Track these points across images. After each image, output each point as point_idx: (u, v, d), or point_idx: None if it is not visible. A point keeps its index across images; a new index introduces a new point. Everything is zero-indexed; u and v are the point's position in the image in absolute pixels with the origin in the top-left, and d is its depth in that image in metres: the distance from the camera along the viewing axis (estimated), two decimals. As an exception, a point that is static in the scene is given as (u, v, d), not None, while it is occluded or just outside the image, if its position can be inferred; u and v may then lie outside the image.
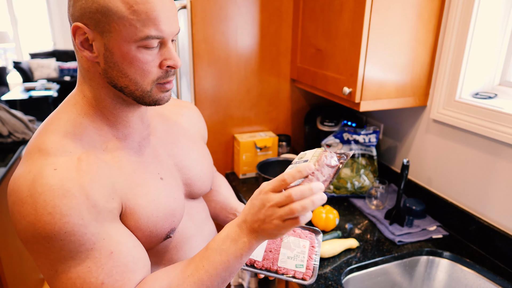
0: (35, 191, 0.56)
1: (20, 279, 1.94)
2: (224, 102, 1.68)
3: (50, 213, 0.56)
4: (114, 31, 0.59)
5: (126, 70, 0.62)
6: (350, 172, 1.53)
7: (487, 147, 1.17)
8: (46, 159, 0.60)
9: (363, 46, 1.20)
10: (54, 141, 0.62)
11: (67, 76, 6.73)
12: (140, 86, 0.64)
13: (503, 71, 1.25)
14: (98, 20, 0.59)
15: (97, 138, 0.67)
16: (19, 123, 1.98)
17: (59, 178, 0.57)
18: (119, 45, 0.60)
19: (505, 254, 1.13)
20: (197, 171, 0.84)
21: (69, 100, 0.69)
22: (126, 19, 0.58)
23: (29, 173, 0.58)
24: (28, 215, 0.56)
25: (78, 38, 0.61)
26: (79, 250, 0.58)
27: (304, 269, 0.77)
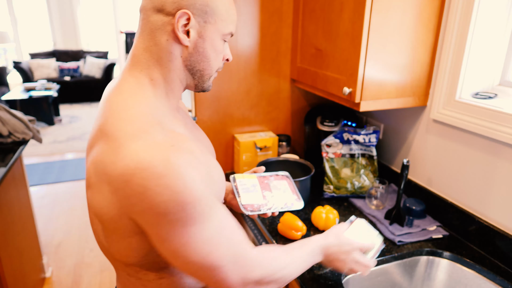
0: (171, 164, 0.60)
1: (20, 279, 1.94)
2: (224, 102, 1.68)
3: (193, 181, 0.61)
4: (214, 23, 0.72)
5: (210, 56, 0.75)
6: (350, 172, 1.53)
7: (487, 147, 1.17)
8: (155, 138, 0.63)
9: (363, 46, 1.20)
10: (145, 123, 0.65)
11: (67, 76, 6.73)
12: (211, 71, 0.77)
13: (503, 71, 1.25)
14: (205, 11, 0.70)
15: (164, 117, 0.71)
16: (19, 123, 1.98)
17: (182, 152, 0.62)
18: (212, 35, 0.73)
19: (505, 254, 1.13)
20: (212, 150, 0.94)
21: (131, 85, 0.71)
22: (223, 16, 0.73)
23: (150, 150, 0.60)
24: (172, 185, 0.59)
25: (180, 22, 0.69)
26: (209, 213, 0.65)
27: (294, 198, 1.02)
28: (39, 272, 2.33)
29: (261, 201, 0.97)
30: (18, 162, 2.08)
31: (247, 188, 1.00)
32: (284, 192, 1.02)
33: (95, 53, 7.06)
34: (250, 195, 0.98)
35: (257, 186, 1.02)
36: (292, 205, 1.00)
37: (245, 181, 1.03)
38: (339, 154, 1.54)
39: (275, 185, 1.04)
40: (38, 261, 2.32)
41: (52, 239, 2.89)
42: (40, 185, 3.75)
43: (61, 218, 3.17)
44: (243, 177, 1.04)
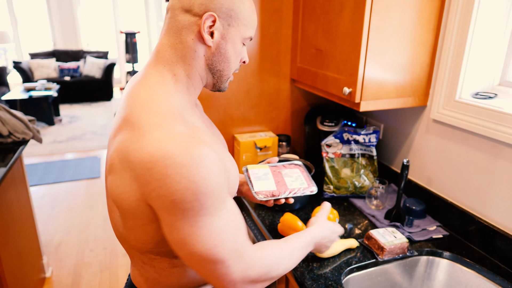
0: (192, 156, 0.63)
1: (20, 279, 1.94)
2: (224, 102, 1.68)
3: (209, 174, 0.64)
4: (237, 26, 0.76)
5: (230, 57, 0.79)
6: (350, 172, 1.53)
7: (487, 147, 1.17)
8: (176, 130, 0.66)
9: (363, 46, 1.20)
10: (166, 115, 0.69)
11: (67, 76, 6.73)
12: (230, 71, 0.81)
13: (503, 71, 1.25)
14: (230, 15, 0.75)
15: (185, 113, 0.74)
16: (19, 123, 1.98)
17: (203, 144, 0.66)
18: (234, 37, 0.77)
19: (505, 254, 1.13)
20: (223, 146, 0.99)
21: (155, 79, 0.75)
22: (246, 20, 0.77)
23: (172, 141, 0.64)
24: (191, 175, 0.63)
25: (206, 23, 0.73)
26: (219, 207, 0.68)
27: (306, 184, 1.05)
28: (39, 272, 2.33)
29: (273, 187, 1.01)
30: (18, 162, 2.08)
31: (259, 176, 1.04)
32: (296, 180, 1.05)
33: (95, 53, 7.06)
34: (262, 182, 1.02)
35: (269, 175, 1.06)
36: (304, 190, 1.02)
37: (257, 170, 1.07)
38: (339, 154, 1.54)
39: (287, 173, 1.08)
40: (38, 261, 2.33)
41: (52, 239, 2.89)
42: (40, 185, 3.75)
43: (61, 218, 3.18)
44: (255, 167, 1.08)
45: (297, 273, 1.09)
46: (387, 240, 1.15)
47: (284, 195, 1.00)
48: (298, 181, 1.05)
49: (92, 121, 5.83)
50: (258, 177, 1.04)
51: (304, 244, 0.91)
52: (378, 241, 1.16)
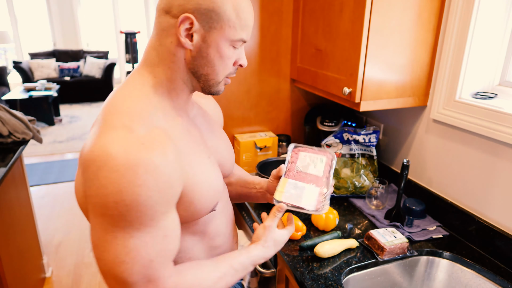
0: (128, 162, 0.60)
1: (20, 279, 1.94)
2: (224, 102, 1.68)
3: (139, 185, 0.60)
4: (220, 29, 0.71)
5: (214, 62, 0.73)
6: (350, 172, 1.53)
7: (487, 147, 1.17)
8: (131, 134, 0.64)
9: (363, 46, 1.20)
10: (132, 117, 0.66)
11: (67, 76, 6.73)
12: (217, 76, 0.76)
13: (503, 71, 1.25)
14: (210, 17, 0.69)
15: (163, 117, 0.72)
16: (19, 123, 1.98)
17: (149, 153, 0.62)
18: (217, 41, 0.71)
19: (505, 254, 1.13)
20: (225, 155, 0.93)
21: (137, 78, 0.74)
22: (231, 22, 0.71)
23: (118, 143, 0.62)
24: (117, 182, 0.60)
25: (183, 26, 0.69)
26: (146, 224, 0.64)
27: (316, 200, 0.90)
28: (39, 272, 2.33)
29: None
30: (18, 162, 2.08)
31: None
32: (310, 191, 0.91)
33: (95, 53, 7.06)
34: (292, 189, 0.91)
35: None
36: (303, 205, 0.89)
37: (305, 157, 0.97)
38: (339, 154, 1.54)
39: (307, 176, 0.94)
40: (38, 261, 2.33)
41: (52, 239, 2.89)
42: (40, 185, 3.75)
43: (61, 218, 3.17)
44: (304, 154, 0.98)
45: (297, 273, 1.09)
46: (387, 240, 1.15)
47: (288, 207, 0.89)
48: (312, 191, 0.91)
49: (92, 121, 5.82)
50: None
51: (239, 267, 0.82)
52: (378, 241, 1.16)
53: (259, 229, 0.88)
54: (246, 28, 0.74)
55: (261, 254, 0.85)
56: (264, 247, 0.86)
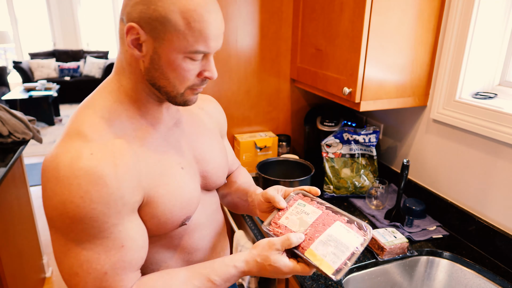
0: (71, 174, 0.59)
1: (20, 279, 1.94)
2: (224, 102, 1.68)
3: (81, 197, 0.59)
4: (168, 40, 0.64)
5: (168, 74, 0.67)
6: (350, 172, 1.53)
7: (487, 147, 1.17)
8: (84, 142, 0.63)
9: (363, 46, 1.20)
10: (90, 126, 0.65)
11: (67, 76, 6.73)
12: (176, 89, 0.69)
13: (503, 71, 1.25)
14: (155, 27, 0.63)
15: (129, 125, 0.70)
16: (19, 123, 1.98)
17: (94, 164, 0.60)
18: (168, 53, 0.65)
19: (505, 254, 1.13)
20: (214, 165, 0.87)
21: (104, 87, 0.72)
22: (181, 33, 0.63)
23: (67, 153, 0.61)
24: (60, 194, 0.59)
25: (130, 36, 0.65)
26: (96, 236, 0.62)
27: (337, 265, 0.69)
28: (39, 272, 2.32)
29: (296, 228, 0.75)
30: (18, 162, 2.08)
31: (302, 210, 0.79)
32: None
33: (95, 53, 7.06)
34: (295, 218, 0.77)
35: (313, 215, 0.78)
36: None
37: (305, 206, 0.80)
38: (339, 154, 1.54)
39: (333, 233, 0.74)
40: (38, 261, 2.32)
41: (52, 239, 2.89)
42: (40, 185, 3.75)
43: (61, 218, 3.17)
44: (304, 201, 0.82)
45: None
46: (387, 240, 1.15)
47: (298, 253, 0.72)
48: (337, 249, 0.71)
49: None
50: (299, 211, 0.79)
51: (219, 280, 0.72)
52: (378, 241, 1.16)
53: (263, 240, 0.74)
54: (203, 39, 0.64)
55: (247, 267, 0.73)
56: (253, 260, 0.73)
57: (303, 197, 0.83)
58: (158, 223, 0.72)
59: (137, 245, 0.67)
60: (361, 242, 0.73)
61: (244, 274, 0.74)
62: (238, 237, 1.48)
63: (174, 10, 0.61)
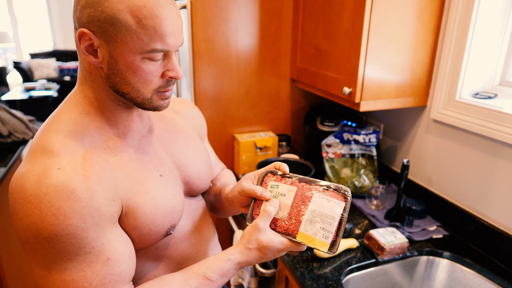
0: (39, 191, 0.56)
1: (20, 279, 1.94)
2: (224, 102, 1.68)
3: (54, 214, 0.56)
4: (121, 42, 0.60)
5: (129, 78, 0.63)
6: (350, 172, 1.53)
7: (487, 147, 1.17)
8: (50, 159, 0.60)
9: (363, 46, 1.20)
10: (56, 140, 0.62)
11: (67, 76, 6.73)
12: (141, 93, 0.65)
13: (503, 71, 1.25)
14: (106, 29, 0.59)
15: (98, 137, 0.67)
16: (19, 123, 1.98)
17: (63, 178, 0.57)
18: (124, 55, 0.61)
19: (505, 254, 1.13)
20: (196, 169, 0.84)
21: (69, 99, 0.69)
22: (133, 32, 0.59)
23: (33, 172, 0.58)
24: (31, 214, 0.56)
25: (83, 43, 0.61)
26: (77, 253, 0.59)
27: (330, 239, 0.70)
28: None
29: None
30: (18, 162, 2.08)
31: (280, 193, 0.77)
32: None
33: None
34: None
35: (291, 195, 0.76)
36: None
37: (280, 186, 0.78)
38: (339, 154, 1.54)
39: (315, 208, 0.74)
40: (38, 261, 2.32)
41: (52, 239, 2.88)
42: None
43: (61, 218, 3.17)
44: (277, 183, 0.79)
45: (297, 273, 1.09)
46: (387, 240, 1.15)
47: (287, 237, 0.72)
48: (324, 223, 0.71)
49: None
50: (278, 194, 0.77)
51: (215, 276, 0.70)
52: (378, 241, 1.16)
53: (247, 227, 0.75)
54: (159, 36, 0.61)
55: (242, 258, 0.71)
56: (246, 248, 0.71)
57: (272, 176, 0.79)
58: (141, 234, 0.69)
59: (123, 256, 0.64)
60: (344, 207, 0.72)
61: (241, 266, 0.72)
62: (238, 237, 1.48)
63: (122, 9, 0.58)
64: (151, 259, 0.76)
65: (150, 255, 0.76)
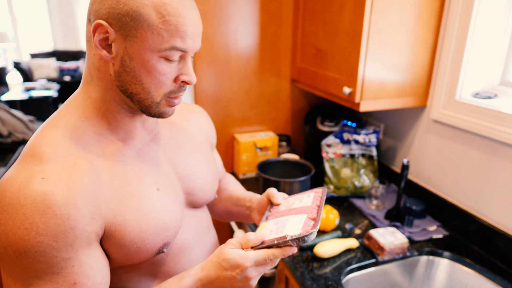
0: (17, 202, 0.54)
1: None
2: (224, 102, 1.68)
3: (26, 229, 0.53)
4: (140, 37, 0.58)
5: (142, 78, 0.61)
6: (350, 172, 1.53)
7: (487, 147, 1.17)
8: (37, 165, 0.57)
9: (363, 46, 1.20)
10: (48, 145, 0.60)
11: (67, 76, 6.73)
12: (151, 96, 0.63)
13: (503, 71, 1.25)
14: (126, 23, 0.57)
15: (95, 143, 0.64)
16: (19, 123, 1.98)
17: (44, 190, 0.55)
18: (140, 52, 0.59)
19: (505, 254, 1.13)
20: (200, 180, 0.80)
21: (71, 101, 0.66)
22: (155, 28, 0.58)
23: (17, 178, 0.56)
24: (4, 224, 0.54)
25: (98, 35, 0.59)
26: (44, 272, 0.56)
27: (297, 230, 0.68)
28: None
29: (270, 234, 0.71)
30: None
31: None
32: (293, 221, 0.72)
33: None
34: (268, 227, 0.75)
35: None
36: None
37: None
38: (339, 154, 1.54)
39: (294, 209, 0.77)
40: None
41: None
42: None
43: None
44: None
45: (297, 273, 1.09)
46: (387, 240, 1.15)
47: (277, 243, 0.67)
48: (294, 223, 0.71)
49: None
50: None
51: None
52: (378, 241, 1.16)
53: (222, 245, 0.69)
54: (180, 34, 0.59)
55: (209, 274, 0.65)
56: (213, 264, 0.65)
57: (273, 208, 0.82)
58: (128, 253, 0.64)
59: (92, 282, 0.59)
60: (295, 234, 0.66)
61: (201, 283, 0.65)
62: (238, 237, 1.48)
63: (147, 4, 0.57)
64: (146, 275, 0.73)
65: (145, 270, 0.72)
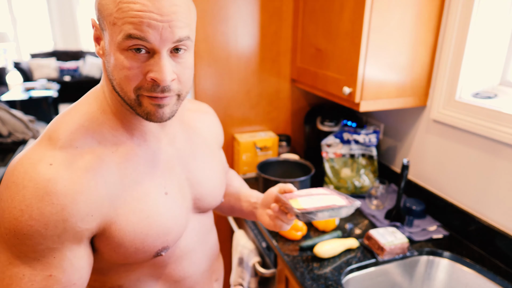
0: (21, 182, 0.55)
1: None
2: (224, 102, 1.68)
3: (21, 210, 0.54)
4: (107, 30, 0.57)
5: (114, 73, 0.59)
6: (350, 172, 1.53)
7: (487, 147, 1.17)
8: (50, 150, 0.58)
9: (363, 46, 1.20)
10: (65, 132, 0.60)
11: (67, 76, 6.74)
12: (125, 92, 0.60)
13: (503, 71, 1.25)
14: (100, 17, 0.58)
15: (110, 138, 0.64)
16: (19, 123, 1.98)
17: (48, 177, 0.55)
18: (110, 45, 0.58)
19: (505, 254, 1.13)
20: (209, 186, 0.80)
21: (93, 92, 0.67)
22: (112, 18, 0.55)
23: (28, 159, 0.57)
24: (4, 200, 0.55)
25: (94, 33, 0.61)
26: (27, 255, 0.56)
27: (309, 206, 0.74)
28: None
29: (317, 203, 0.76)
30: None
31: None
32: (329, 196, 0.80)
33: (95, 53, 7.06)
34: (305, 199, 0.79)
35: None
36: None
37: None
38: (339, 154, 1.54)
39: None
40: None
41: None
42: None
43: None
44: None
45: (297, 273, 1.09)
46: (387, 240, 1.15)
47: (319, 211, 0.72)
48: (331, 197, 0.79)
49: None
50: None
51: None
52: (378, 241, 1.16)
53: None
54: (132, 20, 0.53)
55: None
56: None
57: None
58: (126, 253, 0.65)
59: (67, 280, 0.59)
60: (343, 204, 0.74)
61: None
62: (238, 237, 1.48)
63: None
64: (146, 275, 0.73)
65: (146, 271, 0.72)
